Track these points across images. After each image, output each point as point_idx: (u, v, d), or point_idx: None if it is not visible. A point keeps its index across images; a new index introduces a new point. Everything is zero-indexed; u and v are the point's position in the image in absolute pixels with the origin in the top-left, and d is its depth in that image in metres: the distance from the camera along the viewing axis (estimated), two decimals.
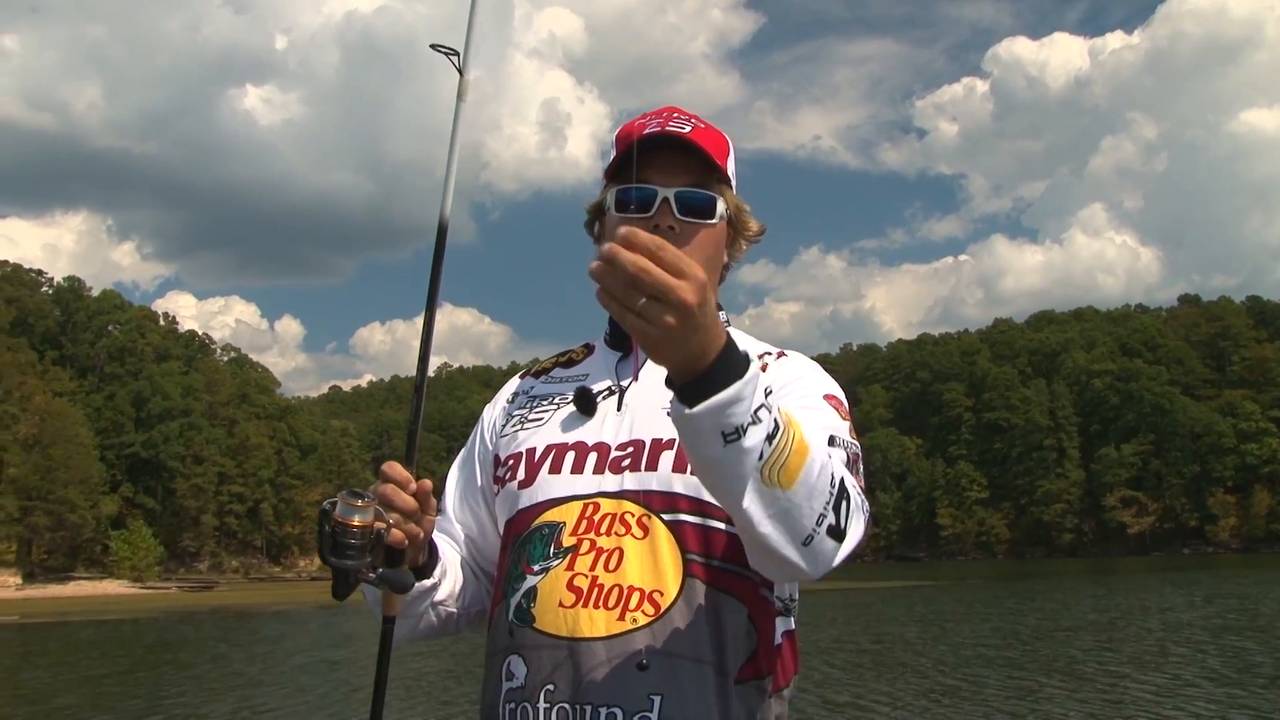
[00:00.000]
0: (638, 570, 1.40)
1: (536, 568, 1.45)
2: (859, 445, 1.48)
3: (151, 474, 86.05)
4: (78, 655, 23.45)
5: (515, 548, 1.50)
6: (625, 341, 1.62)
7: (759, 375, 1.15)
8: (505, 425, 1.65)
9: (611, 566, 1.40)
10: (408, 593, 1.48)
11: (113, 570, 73.34)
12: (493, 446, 1.65)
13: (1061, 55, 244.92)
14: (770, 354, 1.60)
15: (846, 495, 1.28)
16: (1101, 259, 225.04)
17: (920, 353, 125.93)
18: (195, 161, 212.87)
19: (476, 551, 1.69)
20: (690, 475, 1.43)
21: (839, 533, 1.27)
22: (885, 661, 16.76)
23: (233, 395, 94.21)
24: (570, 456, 1.52)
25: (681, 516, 1.43)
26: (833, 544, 1.27)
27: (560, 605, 1.40)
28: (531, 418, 1.62)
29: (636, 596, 1.39)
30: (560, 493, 1.49)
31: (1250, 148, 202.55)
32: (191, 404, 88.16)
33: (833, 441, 1.40)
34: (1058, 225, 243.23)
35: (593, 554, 1.42)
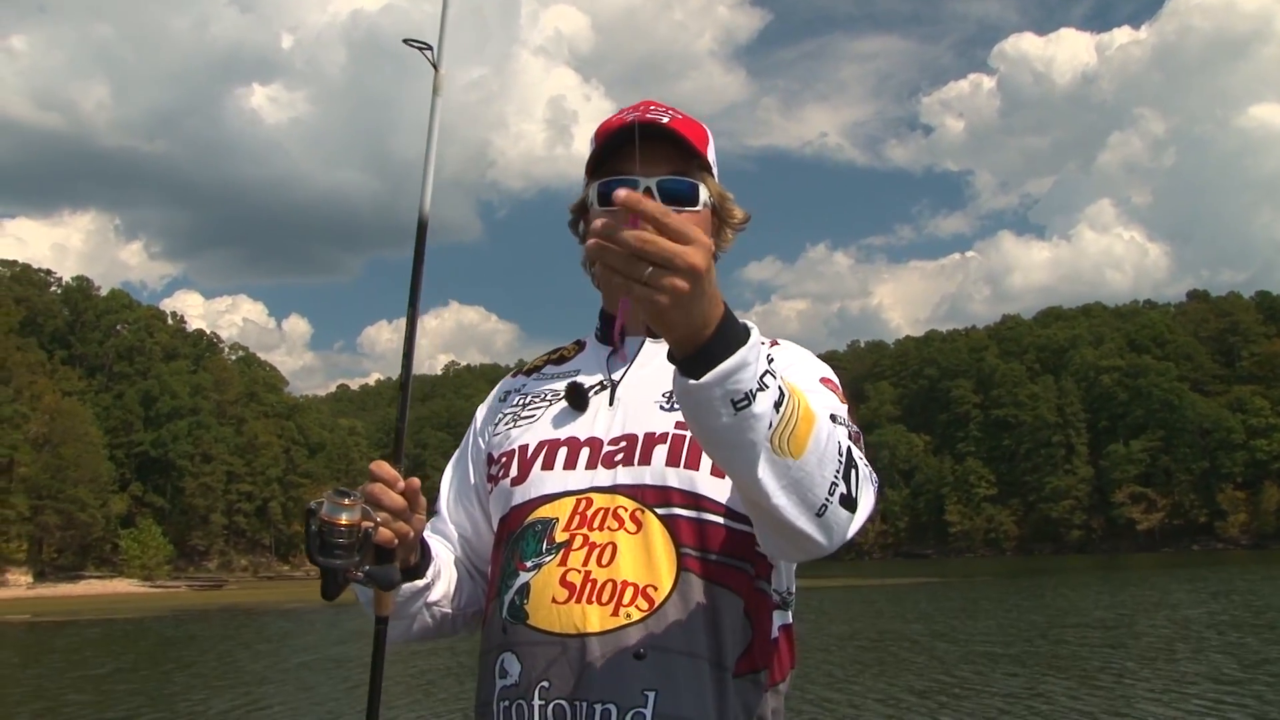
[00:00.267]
0: (631, 565, 1.38)
1: (529, 564, 1.43)
2: (858, 428, 1.45)
3: (160, 473, 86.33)
4: (85, 653, 23.52)
5: (508, 545, 1.49)
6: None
7: (760, 341, 1.14)
8: (498, 424, 1.64)
9: (605, 561, 1.39)
10: (394, 589, 1.46)
11: (123, 569, 73.55)
12: (485, 445, 1.64)
13: (1068, 51, 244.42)
14: (764, 342, 1.59)
15: (855, 464, 1.27)
16: (1109, 255, 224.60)
17: (928, 349, 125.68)
18: (202, 160, 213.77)
19: (472, 552, 1.67)
20: (684, 469, 1.43)
21: (851, 502, 1.25)
22: (891, 658, 16.72)
23: (241, 394, 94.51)
24: (563, 452, 1.51)
25: (675, 510, 1.41)
26: (846, 514, 1.25)
27: (554, 601, 1.38)
28: (524, 415, 1.60)
29: (630, 591, 1.37)
30: (553, 489, 1.48)
31: (1259, 143, 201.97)
32: (200, 403, 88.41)
33: (834, 419, 1.35)
34: (1065, 221, 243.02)
35: (586, 549, 1.40)
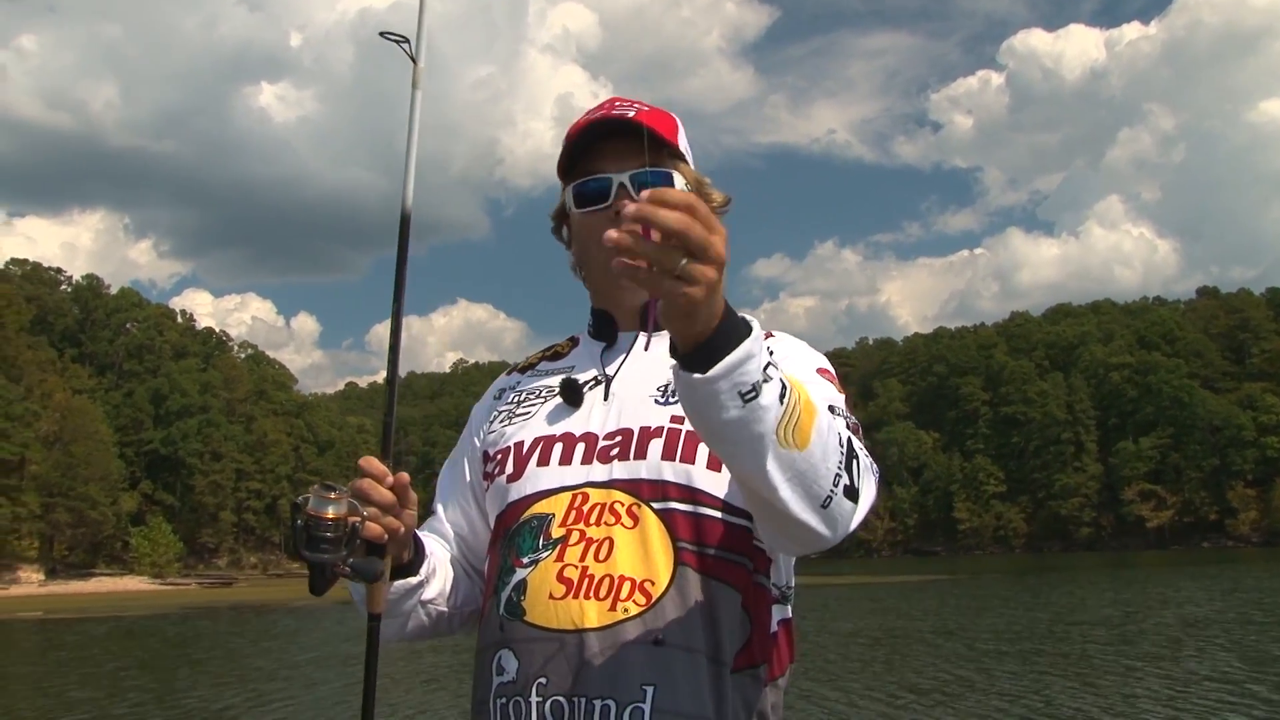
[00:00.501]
0: (628, 560, 1.37)
1: (526, 560, 1.42)
2: (856, 420, 1.44)
3: (170, 470, 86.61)
4: (94, 650, 23.62)
5: (505, 541, 1.48)
6: (609, 331, 1.60)
7: (761, 332, 1.13)
8: (493, 421, 1.63)
9: (602, 557, 1.38)
10: (379, 581, 1.44)
11: (133, 567, 73.83)
12: (481, 443, 1.64)
13: (1077, 47, 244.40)
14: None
15: (856, 455, 1.26)
16: (1118, 251, 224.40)
17: (937, 346, 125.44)
18: (211, 159, 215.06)
19: (469, 550, 1.66)
20: (680, 463, 1.42)
21: (854, 493, 1.25)
22: (896, 655, 16.71)
23: (250, 392, 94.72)
24: (558, 448, 1.50)
25: (672, 504, 1.40)
26: (850, 505, 1.24)
27: (550, 597, 1.37)
28: (519, 412, 1.60)
29: (627, 586, 1.36)
30: (549, 484, 1.47)
31: (1269, 138, 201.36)
32: (209, 401, 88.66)
33: (833, 410, 1.35)
34: (1074, 218, 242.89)
35: (582, 545, 1.39)
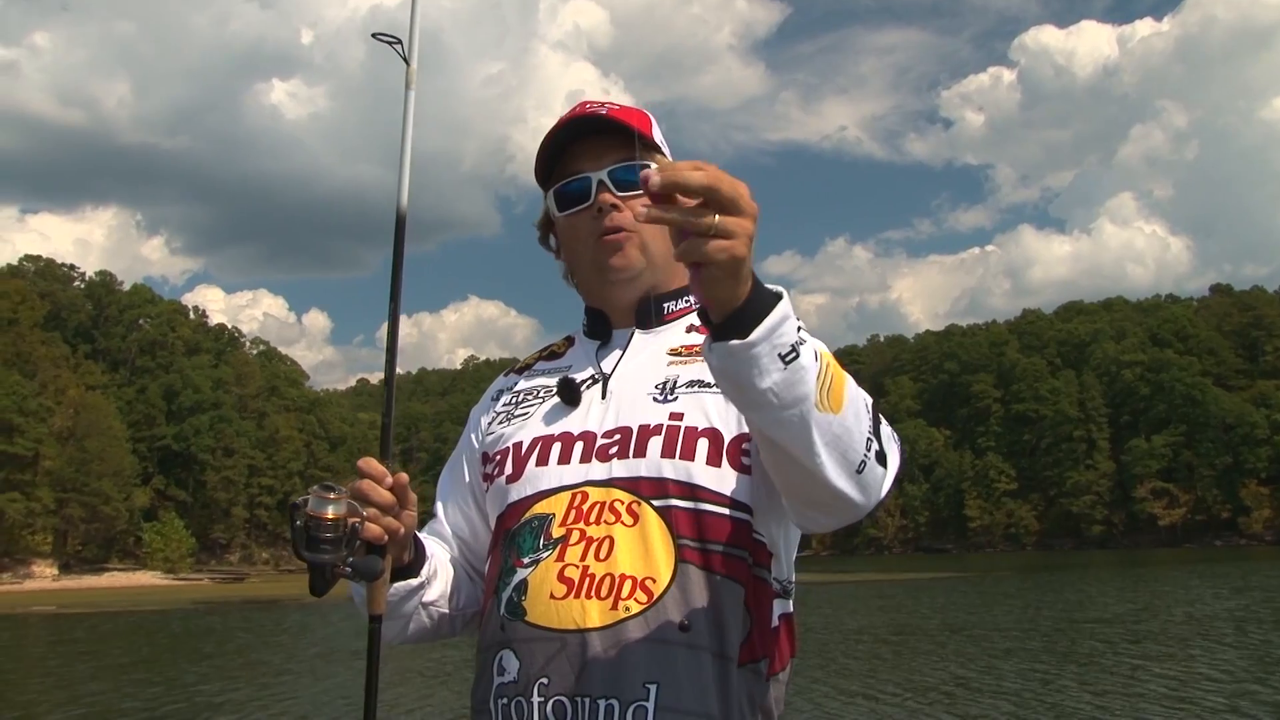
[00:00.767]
0: (629, 558, 1.37)
1: (526, 560, 1.42)
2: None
3: (183, 466, 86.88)
4: (105, 644, 23.80)
5: (505, 542, 1.48)
6: (604, 329, 1.62)
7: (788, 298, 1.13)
8: (491, 422, 1.64)
9: (602, 555, 1.37)
10: (379, 579, 1.44)
11: (146, 562, 74.02)
12: (480, 444, 1.64)
13: (1090, 43, 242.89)
14: None
15: (881, 420, 1.27)
16: (1131, 249, 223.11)
17: (948, 344, 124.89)
18: (223, 156, 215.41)
19: (469, 552, 1.66)
20: (680, 460, 1.42)
21: (884, 458, 1.25)
22: (905, 652, 16.73)
23: (262, 388, 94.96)
24: (557, 447, 1.50)
25: (672, 502, 1.40)
26: (881, 470, 1.24)
27: (552, 597, 1.37)
28: (517, 413, 1.60)
29: (629, 585, 1.35)
30: (548, 484, 1.47)
31: None
32: (221, 397, 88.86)
33: None
34: (1086, 215, 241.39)
35: (583, 544, 1.39)
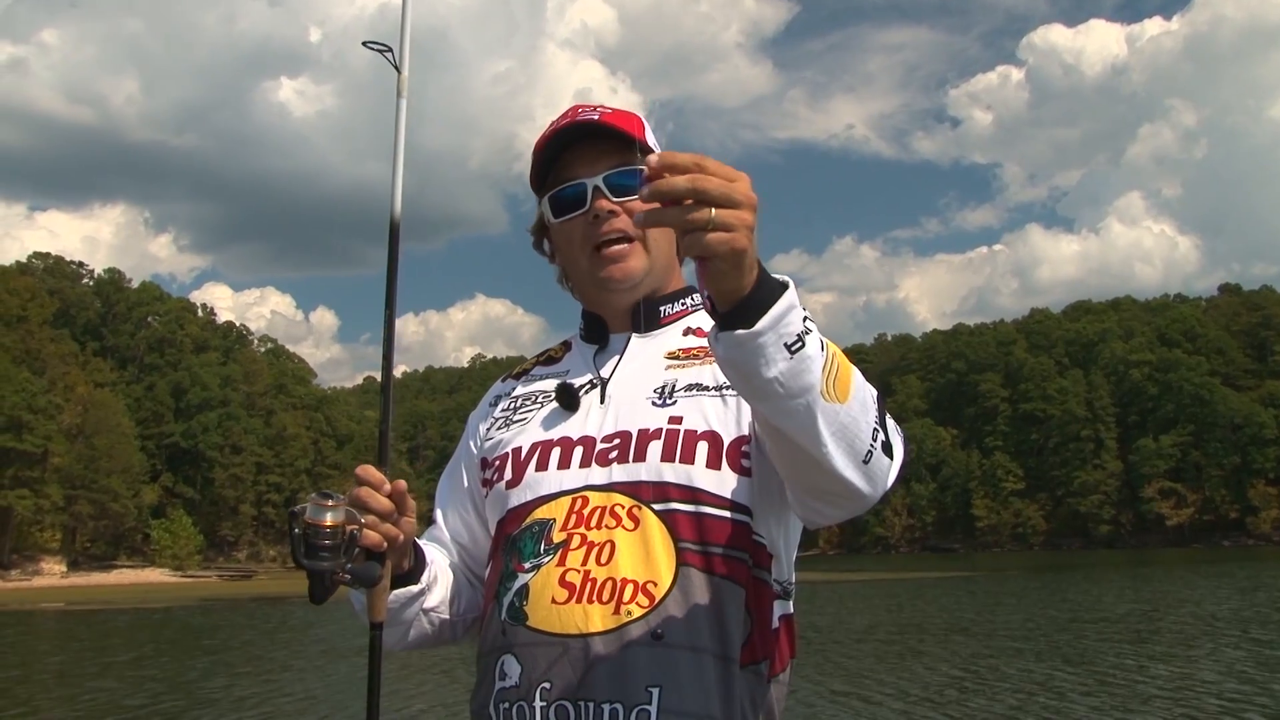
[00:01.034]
0: (630, 562, 1.37)
1: (528, 565, 1.42)
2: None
3: (191, 464, 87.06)
4: (111, 641, 23.91)
5: (506, 547, 1.48)
6: (601, 333, 1.62)
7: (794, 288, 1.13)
8: (490, 428, 1.64)
9: (603, 560, 1.38)
10: (377, 586, 1.45)
11: (154, 559, 74.19)
12: (478, 450, 1.64)
13: (1098, 42, 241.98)
14: None
15: (885, 411, 1.27)
16: (1139, 248, 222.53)
17: (956, 343, 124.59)
18: (230, 154, 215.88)
19: (469, 558, 1.66)
20: (680, 463, 1.42)
21: (890, 449, 1.25)
22: (909, 651, 16.73)
23: (270, 386, 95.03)
24: (556, 452, 1.50)
25: (673, 505, 1.40)
26: (887, 461, 1.25)
27: (553, 602, 1.37)
28: (515, 418, 1.60)
29: (630, 589, 1.36)
30: (548, 489, 1.47)
31: None
32: (229, 394, 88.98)
33: None
34: (1094, 214, 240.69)
35: (584, 548, 1.39)
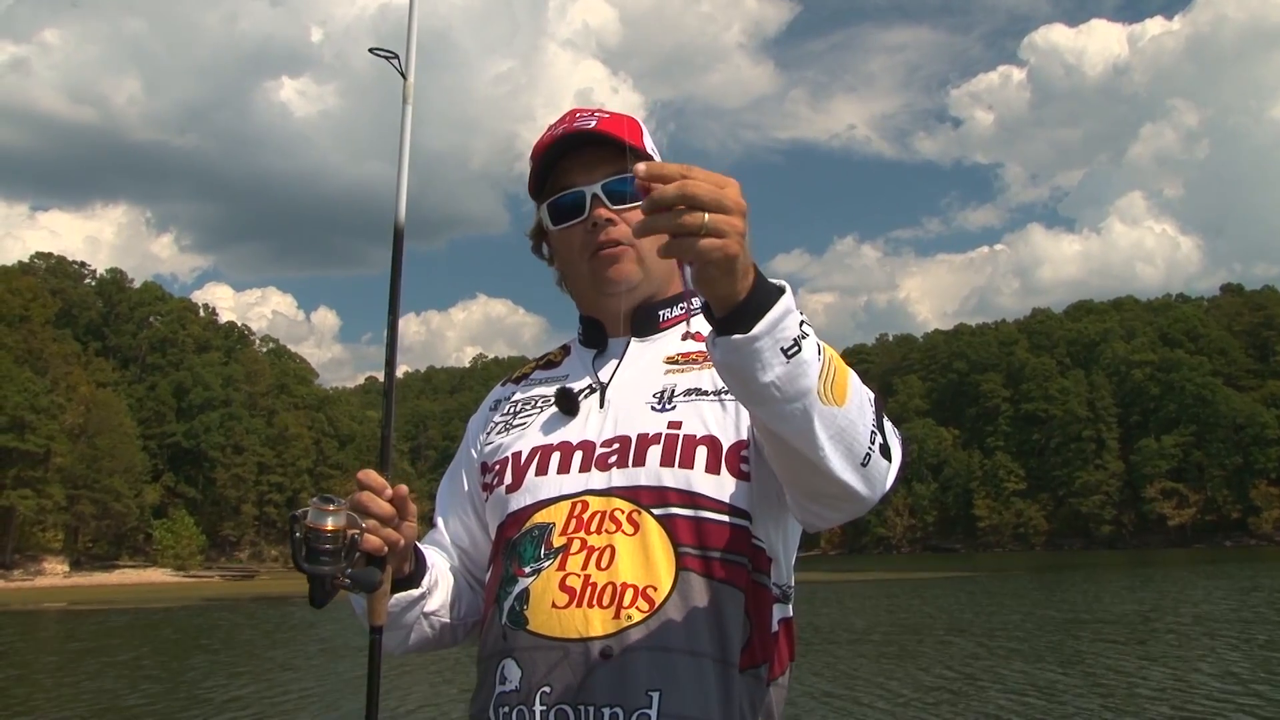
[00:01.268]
0: (630, 567, 1.38)
1: (528, 570, 1.43)
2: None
3: (192, 464, 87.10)
4: (110, 640, 23.95)
5: (506, 551, 1.48)
6: (600, 338, 1.62)
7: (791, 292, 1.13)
8: (490, 432, 1.65)
9: (603, 564, 1.38)
10: (378, 590, 1.45)
11: (156, 559, 74.22)
12: (478, 455, 1.65)
13: (1100, 42, 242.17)
14: None
15: (883, 414, 1.27)
16: (1141, 248, 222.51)
17: (957, 343, 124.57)
18: (232, 154, 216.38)
19: (470, 562, 1.67)
20: (679, 468, 1.43)
21: (888, 451, 1.26)
22: (906, 652, 16.76)
23: (272, 386, 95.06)
24: (556, 457, 1.50)
25: (672, 510, 1.41)
26: (885, 463, 1.25)
27: (553, 606, 1.38)
28: (515, 423, 1.61)
29: (630, 593, 1.36)
30: (548, 493, 1.47)
31: None
32: (231, 394, 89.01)
33: None
34: (1096, 214, 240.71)
35: (584, 553, 1.40)
